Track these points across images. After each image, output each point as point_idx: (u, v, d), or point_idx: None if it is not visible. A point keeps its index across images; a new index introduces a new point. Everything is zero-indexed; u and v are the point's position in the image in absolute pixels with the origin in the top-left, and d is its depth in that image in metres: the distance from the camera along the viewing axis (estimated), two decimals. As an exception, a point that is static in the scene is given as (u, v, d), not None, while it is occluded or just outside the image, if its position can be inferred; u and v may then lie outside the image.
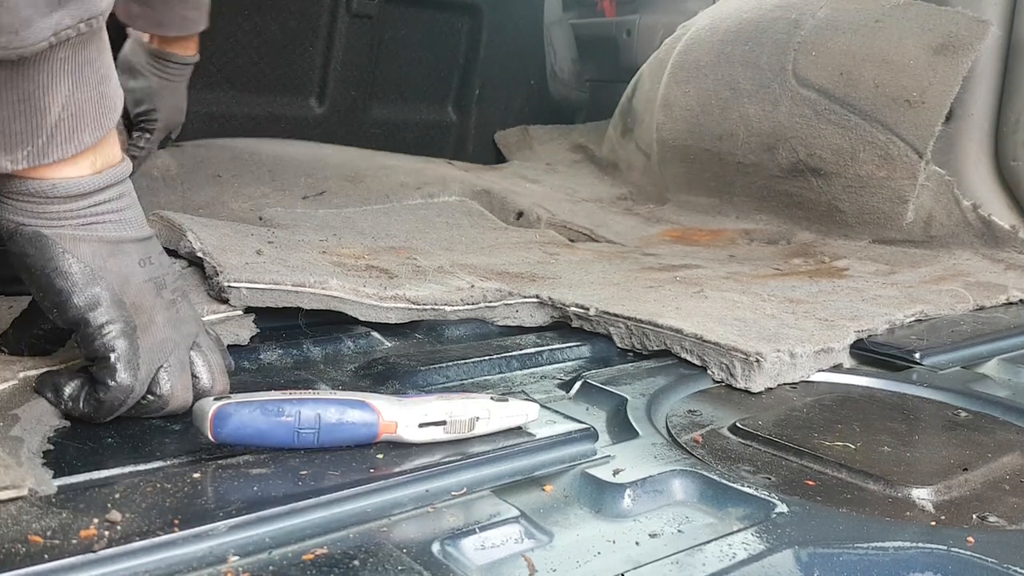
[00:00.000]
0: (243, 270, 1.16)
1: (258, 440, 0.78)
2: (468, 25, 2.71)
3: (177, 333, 0.85)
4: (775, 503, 0.78)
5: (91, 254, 0.80)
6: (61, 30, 0.71)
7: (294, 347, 1.16)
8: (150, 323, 0.83)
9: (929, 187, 1.89)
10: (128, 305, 0.82)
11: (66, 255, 0.80)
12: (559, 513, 0.77)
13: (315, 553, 0.66)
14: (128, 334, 0.81)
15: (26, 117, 0.74)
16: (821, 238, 2.02)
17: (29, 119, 0.74)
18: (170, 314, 0.85)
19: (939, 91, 1.86)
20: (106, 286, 0.81)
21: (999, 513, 0.80)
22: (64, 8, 0.71)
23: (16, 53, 0.69)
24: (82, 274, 0.80)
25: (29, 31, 0.69)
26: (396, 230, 1.80)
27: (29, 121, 0.74)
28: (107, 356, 0.80)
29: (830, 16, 2.06)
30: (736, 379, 1.12)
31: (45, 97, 0.74)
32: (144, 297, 0.83)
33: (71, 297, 0.80)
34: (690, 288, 1.46)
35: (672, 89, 2.35)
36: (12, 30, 0.68)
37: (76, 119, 0.77)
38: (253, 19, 2.24)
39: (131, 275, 0.83)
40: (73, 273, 0.80)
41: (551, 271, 1.55)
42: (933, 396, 1.12)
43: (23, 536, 0.62)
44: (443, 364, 1.12)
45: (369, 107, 2.55)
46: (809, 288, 1.52)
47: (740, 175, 2.20)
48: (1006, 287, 1.60)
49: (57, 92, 0.75)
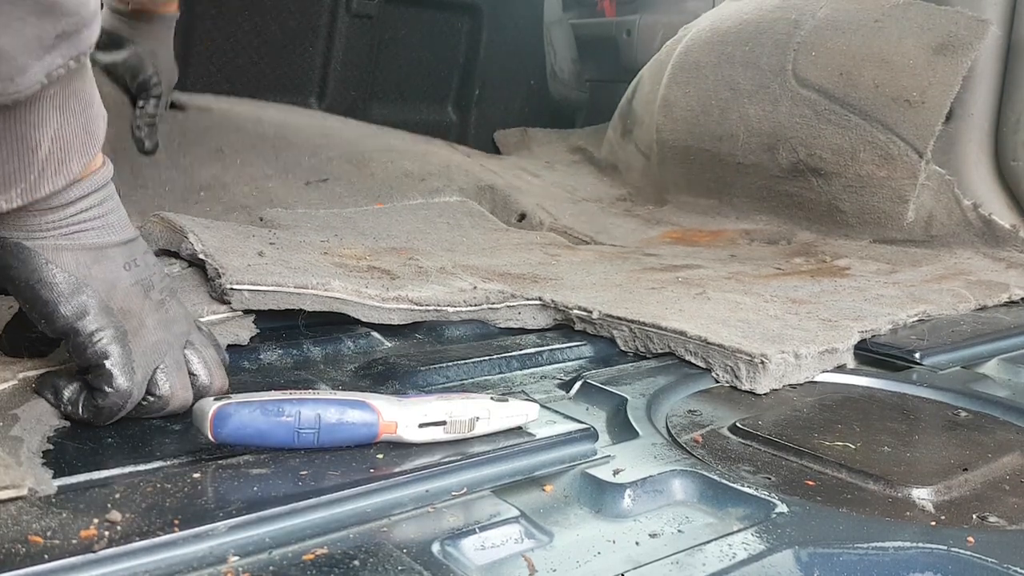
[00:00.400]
0: (245, 272, 1.16)
1: (258, 440, 0.78)
2: (468, 25, 2.71)
3: (169, 333, 0.85)
4: (775, 503, 0.78)
5: (75, 263, 0.80)
6: (53, 70, 0.71)
7: (294, 347, 1.16)
8: (140, 326, 0.83)
9: (929, 187, 1.89)
10: (116, 311, 0.82)
11: (49, 265, 0.79)
12: (559, 513, 0.77)
13: (315, 553, 0.66)
14: (120, 339, 0.81)
15: (19, 156, 0.74)
16: (822, 238, 2.02)
17: (22, 158, 0.74)
18: (160, 315, 0.85)
19: (939, 91, 1.86)
20: (92, 293, 0.80)
21: (999, 513, 0.80)
22: (56, 50, 0.70)
23: (11, 99, 0.69)
24: (67, 283, 0.80)
25: (24, 77, 0.69)
26: (397, 230, 1.80)
27: (22, 160, 0.74)
28: (101, 364, 0.80)
29: (830, 16, 2.07)
30: (741, 381, 1.12)
31: (35, 134, 0.74)
32: (132, 301, 0.83)
33: (58, 308, 0.80)
34: (692, 289, 1.46)
35: (672, 90, 2.35)
36: (8, 77, 0.68)
37: (64, 150, 0.76)
38: (253, 19, 2.24)
39: (117, 280, 0.82)
40: (58, 283, 0.79)
41: (553, 272, 1.55)
42: (933, 396, 1.12)
43: (23, 536, 0.62)
44: (443, 364, 1.12)
45: (369, 107, 2.56)
46: (811, 288, 1.52)
47: (740, 176, 2.20)
48: (1007, 286, 1.60)
49: (47, 128, 0.74)
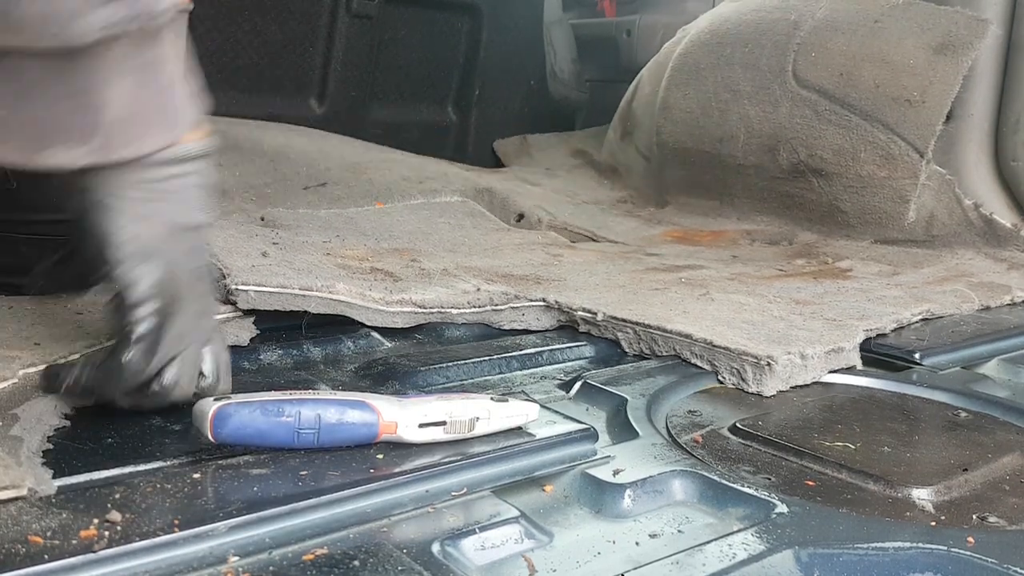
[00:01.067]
0: (250, 273, 1.16)
1: (258, 440, 0.78)
2: (468, 25, 2.71)
3: (198, 327, 0.86)
4: (775, 503, 0.78)
5: (149, 234, 0.81)
6: (111, 25, 0.72)
7: (294, 347, 1.16)
8: (180, 312, 0.83)
9: (930, 186, 1.89)
10: (168, 291, 0.82)
11: (124, 230, 0.80)
12: (559, 513, 0.77)
13: (315, 553, 0.66)
14: (158, 319, 0.82)
15: (83, 111, 0.75)
16: (823, 238, 2.02)
17: (85, 114, 0.75)
18: (198, 307, 0.86)
19: (939, 90, 1.86)
20: (155, 268, 0.81)
21: (999, 513, 0.80)
22: (114, 3, 0.71)
23: (66, 43, 0.71)
24: (137, 251, 0.81)
25: (77, 23, 0.70)
26: (399, 231, 1.80)
27: (86, 116, 0.75)
28: (130, 334, 0.81)
29: (829, 17, 2.06)
30: (748, 383, 1.11)
31: (100, 92, 0.74)
32: (183, 287, 0.84)
33: (121, 266, 0.81)
34: (696, 290, 1.46)
35: (672, 92, 2.35)
36: (61, 21, 0.69)
37: (139, 121, 0.77)
38: (253, 19, 2.24)
39: (180, 263, 0.83)
40: (129, 250, 0.80)
41: (555, 273, 1.55)
42: (933, 396, 1.12)
43: (23, 536, 0.62)
44: (443, 364, 1.12)
45: (369, 107, 2.55)
46: (814, 289, 1.52)
47: (741, 177, 2.20)
48: (1010, 287, 1.60)
49: (114, 90, 0.75)
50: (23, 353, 0.93)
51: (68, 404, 0.87)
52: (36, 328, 1.04)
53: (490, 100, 2.81)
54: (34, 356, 0.93)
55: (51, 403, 0.85)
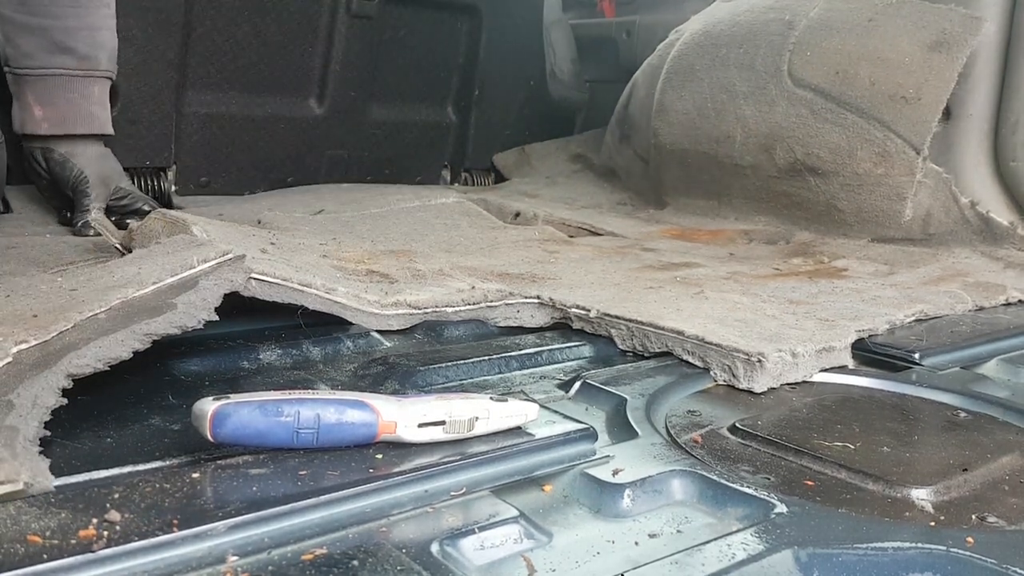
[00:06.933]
0: (252, 262, 1.16)
1: (257, 440, 0.78)
2: (468, 25, 2.71)
3: None
4: (774, 503, 0.78)
5: None
6: None
7: (293, 347, 1.16)
8: None
9: (927, 184, 1.89)
10: None
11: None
12: (558, 513, 0.76)
13: (314, 553, 0.66)
14: None
15: None
16: (820, 237, 2.02)
17: None
18: None
19: (935, 87, 1.87)
20: None
21: (999, 513, 0.80)
22: None
23: None
24: None
25: None
26: (395, 233, 1.80)
27: None
28: None
29: (824, 16, 2.07)
30: (739, 380, 1.12)
31: None
32: None
33: None
34: (690, 289, 1.46)
35: (667, 94, 2.36)
36: None
37: None
38: (253, 20, 2.24)
39: None
40: None
41: (551, 271, 1.55)
42: (933, 396, 1.12)
43: (22, 536, 0.62)
44: (442, 364, 1.11)
45: (369, 107, 2.55)
46: (809, 289, 1.52)
47: (738, 177, 2.20)
48: (1005, 287, 1.60)
49: None
50: (15, 329, 0.91)
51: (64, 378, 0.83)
52: (27, 301, 1.02)
53: (490, 100, 2.81)
54: (27, 333, 0.90)
55: (47, 380, 0.82)
